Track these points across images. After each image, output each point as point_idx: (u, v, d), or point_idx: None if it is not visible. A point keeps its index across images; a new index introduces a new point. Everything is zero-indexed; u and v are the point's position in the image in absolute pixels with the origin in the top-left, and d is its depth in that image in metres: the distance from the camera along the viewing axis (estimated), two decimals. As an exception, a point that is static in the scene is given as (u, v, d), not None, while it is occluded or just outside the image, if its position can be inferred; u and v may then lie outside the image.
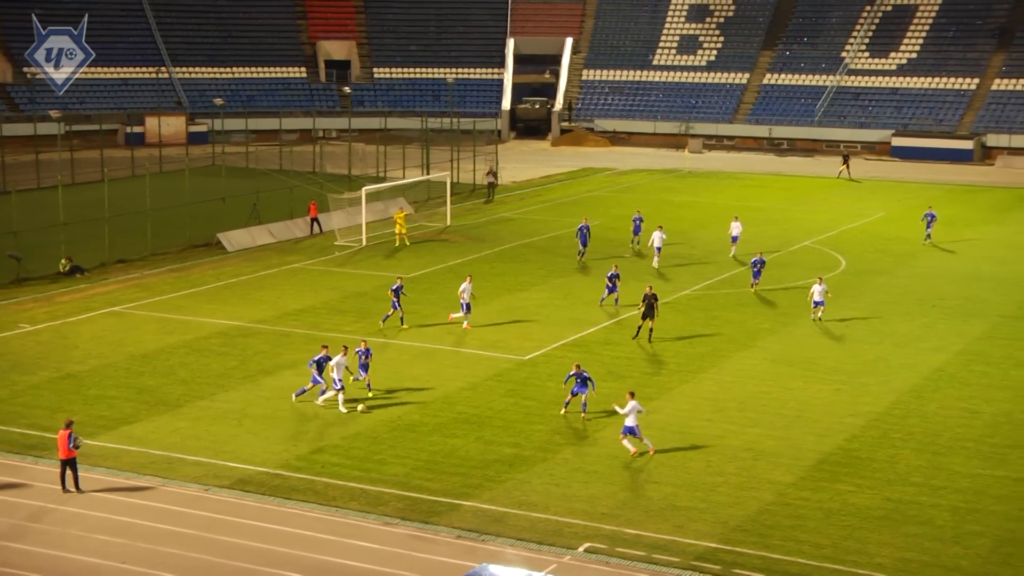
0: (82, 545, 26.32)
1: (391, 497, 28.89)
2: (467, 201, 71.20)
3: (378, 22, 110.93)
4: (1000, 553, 26.14)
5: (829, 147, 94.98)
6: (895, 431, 33.38)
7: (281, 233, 60.93)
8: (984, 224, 64.99)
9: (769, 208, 69.41)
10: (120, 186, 63.62)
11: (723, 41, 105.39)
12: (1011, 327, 43.88)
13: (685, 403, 35.66)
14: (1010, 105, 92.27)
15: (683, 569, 25.38)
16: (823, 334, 42.98)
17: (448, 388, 36.87)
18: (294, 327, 43.74)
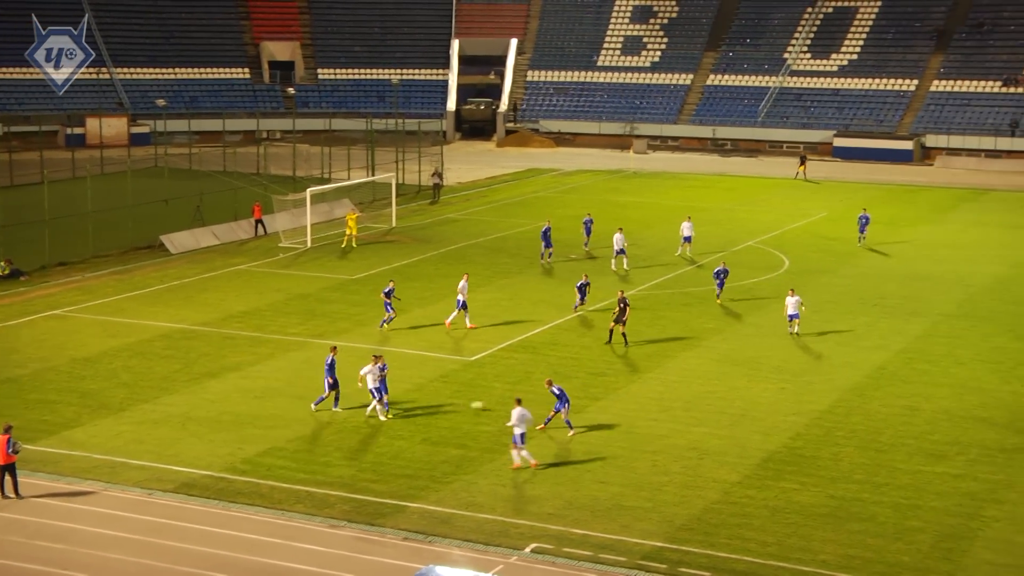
0: (22, 552, 25.96)
1: (337, 499, 28.77)
2: (412, 202, 71.07)
3: (322, 23, 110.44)
4: (940, 548, 26.47)
5: (772, 147, 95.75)
6: (838, 429, 33.70)
7: (225, 235, 60.50)
8: (923, 224, 65.80)
9: (713, 208, 69.86)
10: (60, 188, 62.87)
11: (667, 42, 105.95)
12: (950, 325, 44.45)
13: (631, 403, 35.80)
14: (948, 106, 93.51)
15: (630, 568, 25.48)
16: (767, 333, 43.30)
17: (394, 390, 36.70)
18: (239, 329, 43.44)
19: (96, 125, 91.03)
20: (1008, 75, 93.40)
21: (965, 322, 45.02)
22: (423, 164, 76.61)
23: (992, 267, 54.30)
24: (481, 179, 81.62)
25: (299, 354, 40.54)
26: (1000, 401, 36.07)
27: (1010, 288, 50.48)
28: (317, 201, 62.49)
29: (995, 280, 51.88)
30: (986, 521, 27.80)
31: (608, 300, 45.45)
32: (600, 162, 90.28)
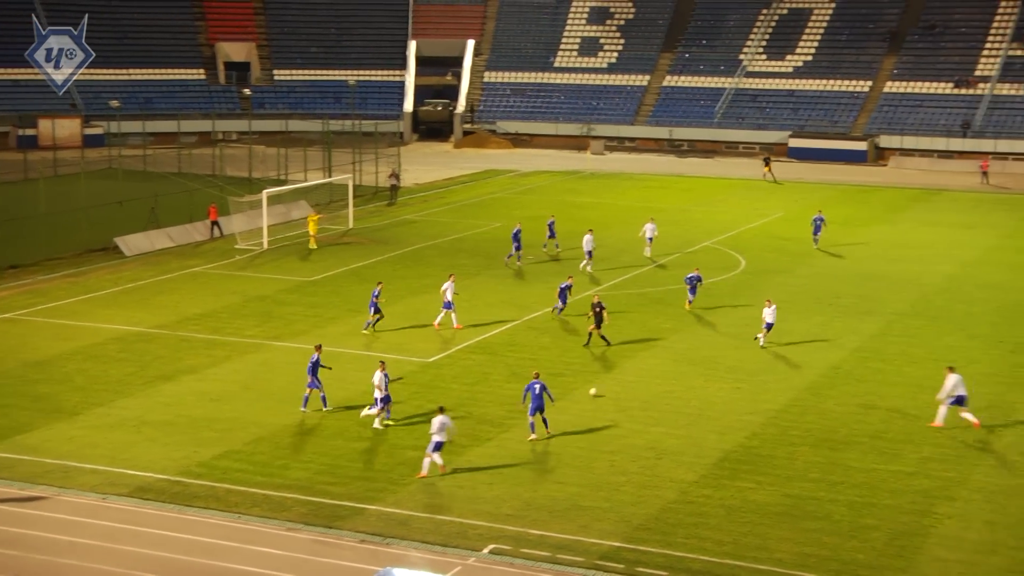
0: (-25, 558, 25.71)
1: (294, 502, 28.66)
2: (369, 204, 70.90)
3: (278, 23, 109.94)
4: (894, 546, 26.72)
5: (729, 148, 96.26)
6: (793, 428, 33.94)
7: (180, 237, 60.11)
8: (877, 224, 66.36)
9: (670, 209, 70.15)
10: (12, 190, 62.34)
11: (623, 43, 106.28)
12: (904, 324, 44.87)
13: (589, 403, 35.88)
14: (901, 107, 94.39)
15: (587, 569, 25.54)
16: (724, 333, 43.54)
17: (352, 392, 36.65)
18: (194, 332, 43.17)
19: (49, 126, 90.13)
20: (959, 76, 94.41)
21: (918, 321, 45.46)
22: (380, 165, 76.44)
23: (944, 266, 54.86)
24: (438, 180, 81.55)
25: (256, 356, 40.35)
26: (953, 399, 36.41)
27: (962, 287, 51.03)
28: (273, 203, 62.21)
29: (947, 279, 52.42)
30: (938, 518, 28.10)
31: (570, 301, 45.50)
32: (557, 163, 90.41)
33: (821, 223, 58.72)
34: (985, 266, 55.21)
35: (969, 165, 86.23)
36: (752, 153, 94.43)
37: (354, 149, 76.88)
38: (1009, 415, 35.09)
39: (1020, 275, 53.11)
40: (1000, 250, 59.08)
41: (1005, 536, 27.20)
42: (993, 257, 57.30)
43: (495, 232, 62.50)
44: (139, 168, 77.88)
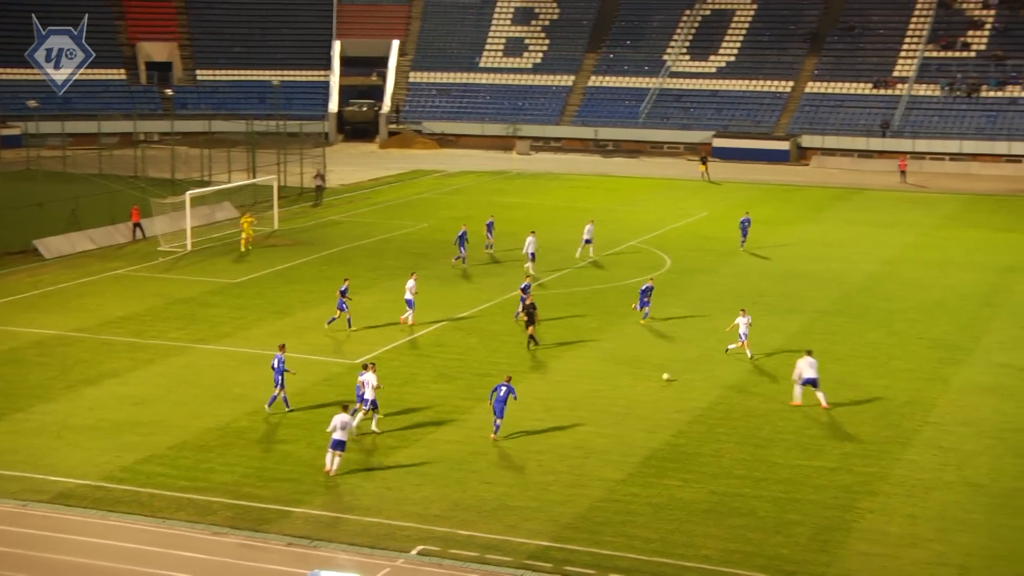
0: None
1: (220, 506, 28.39)
2: (295, 204, 70.41)
3: (200, 23, 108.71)
4: (818, 540, 27.09)
5: (654, 148, 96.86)
6: (719, 426, 34.26)
7: (102, 239, 59.26)
8: (800, 223, 67.18)
9: (596, 208, 70.33)
10: (-73, 192, 61.03)
11: (548, 44, 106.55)
12: (827, 322, 45.47)
13: (516, 404, 35.83)
14: (822, 107, 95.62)
15: (516, 568, 25.59)
16: (649, 332, 43.83)
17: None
18: (117, 335, 42.61)
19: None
20: (878, 77, 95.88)
21: (840, 319, 46.11)
22: (305, 166, 75.90)
23: (865, 265, 55.69)
24: (364, 181, 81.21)
25: (180, 359, 39.91)
26: (873, 395, 37.01)
27: (883, 285, 51.84)
28: (197, 204, 61.55)
29: (868, 277, 53.22)
30: (860, 512, 28.53)
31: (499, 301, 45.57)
32: (484, 163, 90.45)
33: (748, 225, 58.80)
34: (905, 264, 56.14)
35: (888, 164, 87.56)
36: (677, 153, 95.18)
37: (279, 150, 76.29)
38: (928, 410, 35.71)
39: (938, 272, 54.09)
40: (919, 248, 60.11)
41: (925, 529, 27.69)
42: (912, 255, 58.29)
43: (421, 233, 62.39)
44: (59, 169, 76.65)
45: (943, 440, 33.24)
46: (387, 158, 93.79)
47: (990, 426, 34.35)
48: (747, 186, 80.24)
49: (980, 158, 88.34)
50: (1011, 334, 43.97)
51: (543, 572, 25.46)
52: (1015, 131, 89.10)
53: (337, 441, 30.08)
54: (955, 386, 37.97)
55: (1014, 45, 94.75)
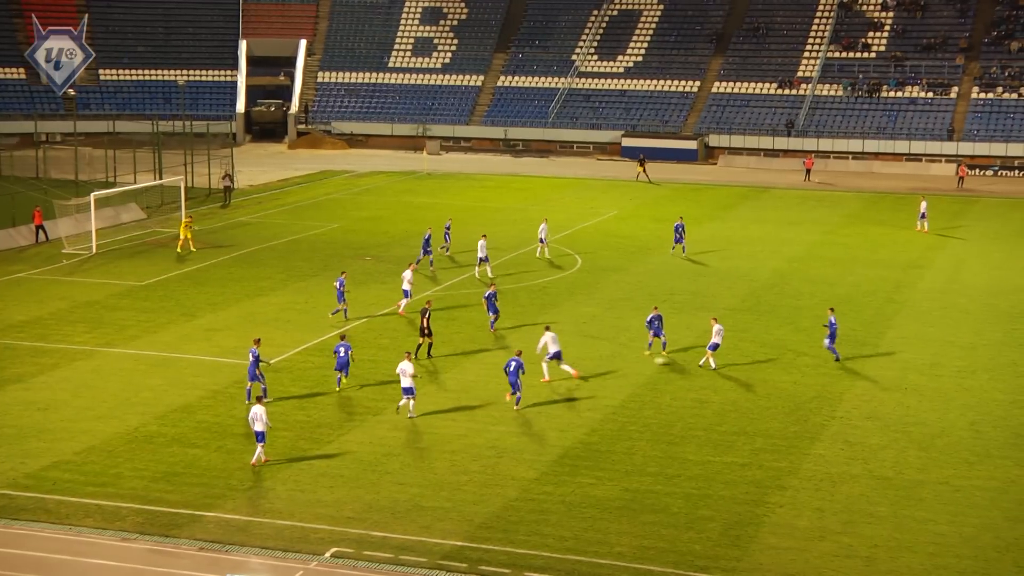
0: None
1: (129, 512, 27.96)
2: (203, 205, 69.56)
3: (102, 22, 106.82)
4: (729, 535, 27.42)
5: (563, 147, 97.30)
6: (631, 423, 34.52)
7: (3, 242, 58.01)
8: (708, 221, 67.92)
9: (507, 208, 70.62)
10: None
11: (457, 44, 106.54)
12: (735, 319, 46.00)
13: (428, 404, 35.86)
14: (729, 107, 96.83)
15: (430, 569, 25.56)
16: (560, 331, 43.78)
17: (188, 397, 35.97)
18: (18, 340, 41.74)
19: None
20: (783, 77, 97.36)
21: (748, 316, 46.71)
22: (213, 167, 75.06)
23: (772, 262, 56.48)
24: (273, 182, 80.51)
25: (86, 363, 39.21)
26: (782, 391, 37.56)
27: (789, 282, 52.61)
28: (102, 205, 60.54)
29: (775, 275, 53.98)
30: (770, 507, 28.93)
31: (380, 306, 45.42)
32: (394, 163, 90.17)
33: (682, 230, 57.50)
34: (811, 261, 57.03)
35: (794, 163, 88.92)
36: (586, 152, 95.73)
37: (186, 150, 75.35)
38: (835, 405, 36.32)
39: (844, 270, 55.04)
40: (824, 245, 61.11)
41: (832, 522, 28.16)
42: (818, 252, 59.24)
43: (332, 233, 62.01)
44: (-43, 171, 74.91)
45: (850, 434, 33.84)
46: (296, 159, 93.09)
47: (894, 420, 35.05)
48: (655, 185, 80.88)
49: (881, 157, 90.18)
50: (914, 330, 44.90)
51: (458, 572, 25.45)
52: (914, 131, 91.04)
53: (258, 433, 30.63)
54: (861, 381, 38.66)
55: (912, 46, 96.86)
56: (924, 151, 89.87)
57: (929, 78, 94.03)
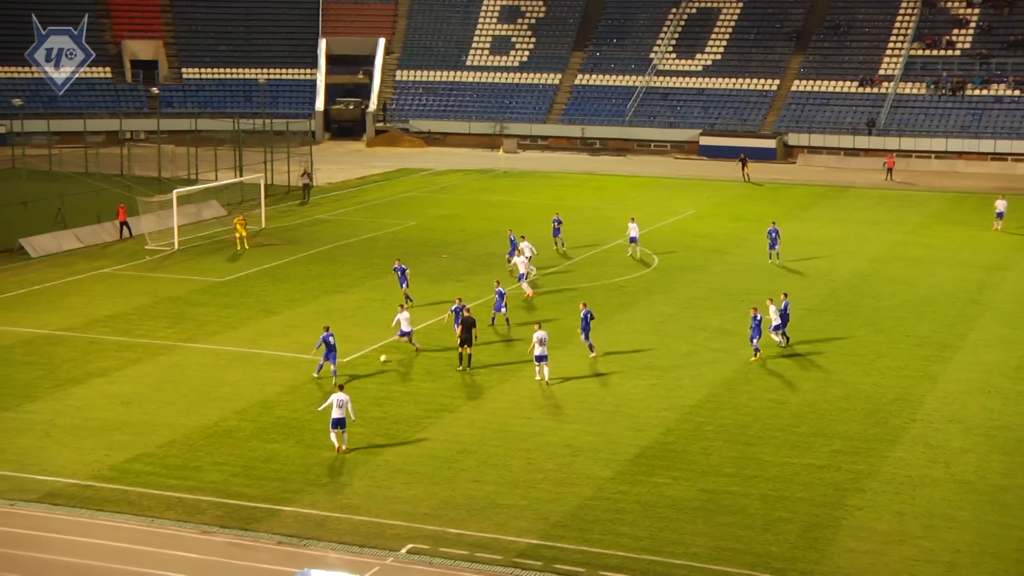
0: None
1: (209, 505, 28.35)
2: (282, 203, 70.30)
3: (185, 21, 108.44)
4: (807, 538, 27.14)
5: (640, 146, 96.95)
6: (708, 423, 34.31)
7: (89, 238, 59.10)
8: (787, 220, 67.11)
9: (583, 207, 70.51)
10: (-88, 190, 60.78)
11: (535, 42, 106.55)
12: (814, 320, 45.55)
13: (504, 401, 35.94)
14: (808, 105, 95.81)
15: (505, 567, 25.59)
16: (637, 330, 43.85)
17: (266, 392, 36.38)
18: (104, 334, 42.49)
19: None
20: (864, 75, 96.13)
21: (828, 316, 46.20)
22: (292, 164, 75.83)
23: (852, 262, 55.81)
24: (351, 179, 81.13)
25: (168, 358, 39.82)
26: (862, 393, 37.11)
27: (869, 283, 51.96)
28: (184, 203, 61.43)
29: (855, 275, 53.34)
30: (849, 510, 28.59)
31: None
32: (470, 162, 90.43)
33: (777, 235, 55.34)
34: (891, 261, 56.27)
35: (874, 162, 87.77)
36: (664, 151, 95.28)
37: (265, 148, 76.20)
38: (916, 408, 35.80)
39: (924, 270, 54.24)
40: (905, 246, 60.26)
41: (913, 526, 27.76)
42: (899, 253, 58.43)
43: (408, 231, 62.35)
44: (44, 168, 76.38)
45: (931, 437, 33.34)
46: (374, 156, 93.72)
47: (977, 423, 34.47)
48: (734, 184, 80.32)
49: (965, 156, 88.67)
50: (998, 332, 44.12)
51: (533, 570, 25.47)
52: (999, 129, 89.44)
53: (336, 420, 31.16)
54: (943, 384, 38.07)
55: (998, 43, 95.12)
56: (1010, 150, 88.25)
57: (1016, 76, 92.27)
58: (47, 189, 64.81)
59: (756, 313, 40.17)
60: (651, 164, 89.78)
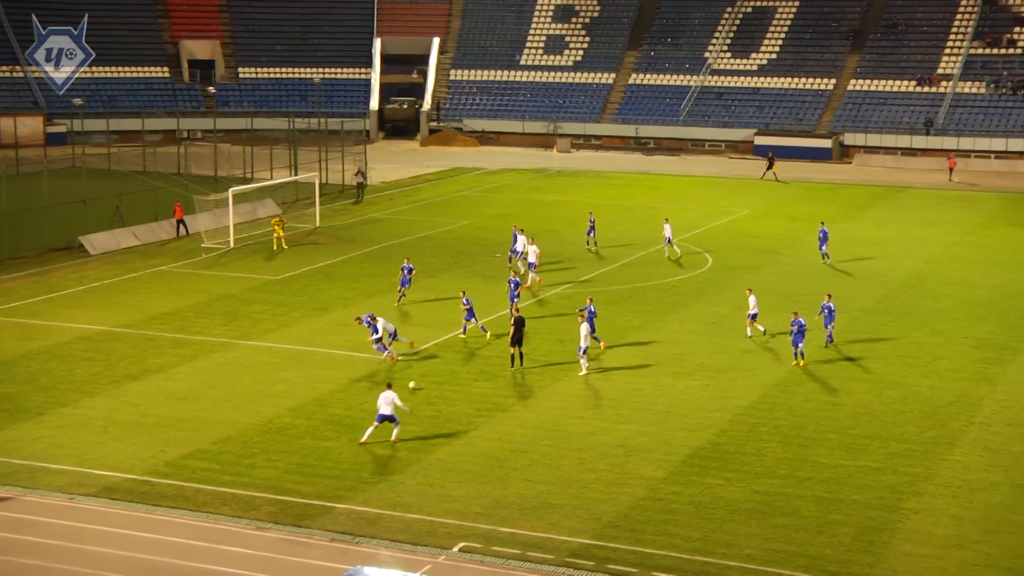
0: (-60, 560, 25.47)
1: (263, 501, 28.55)
2: (336, 202, 70.67)
3: (242, 21, 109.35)
4: (862, 541, 26.89)
5: (694, 146, 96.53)
6: (762, 424, 34.09)
7: (146, 235, 59.74)
8: (842, 221, 66.64)
9: (637, 207, 70.30)
10: (-25, 188, 61.68)
11: (589, 41, 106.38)
12: (869, 321, 45.14)
13: (557, 401, 35.92)
14: (865, 105, 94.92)
15: (557, 566, 25.57)
16: (691, 331, 43.66)
17: (320, 390, 36.59)
18: (160, 331, 42.93)
19: (11, 124, 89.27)
20: (922, 74, 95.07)
21: (884, 317, 45.76)
22: (346, 163, 76.23)
23: (909, 263, 55.24)
24: (405, 178, 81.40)
25: (223, 355, 40.16)
26: (918, 395, 36.71)
27: (926, 284, 51.40)
28: (239, 201, 61.93)
29: (912, 276, 52.78)
30: (905, 513, 28.30)
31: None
32: (524, 161, 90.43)
33: (826, 236, 54.75)
34: (949, 263, 55.62)
35: (932, 162, 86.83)
36: (718, 151, 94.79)
37: (320, 147, 76.64)
38: (974, 411, 35.37)
39: (983, 271, 53.55)
40: (963, 247, 59.54)
41: (971, 530, 27.43)
42: (957, 254, 57.75)
43: (462, 230, 62.46)
44: (103, 167, 77.28)
45: (989, 441, 32.91)
46: (427, 156, 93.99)
47: (1037, 427, 34.00)
48: (788, 184, 79.73)
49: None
50: (1058, 334, 43.49)
51: (585, 570, 25.43)
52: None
53: (383, 416, 31.83)
54: (1002, 386, 37.58)
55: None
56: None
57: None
58: (106, 187, 65.56)
59: (797, 317, 39.67)
60: (705, 164, 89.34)
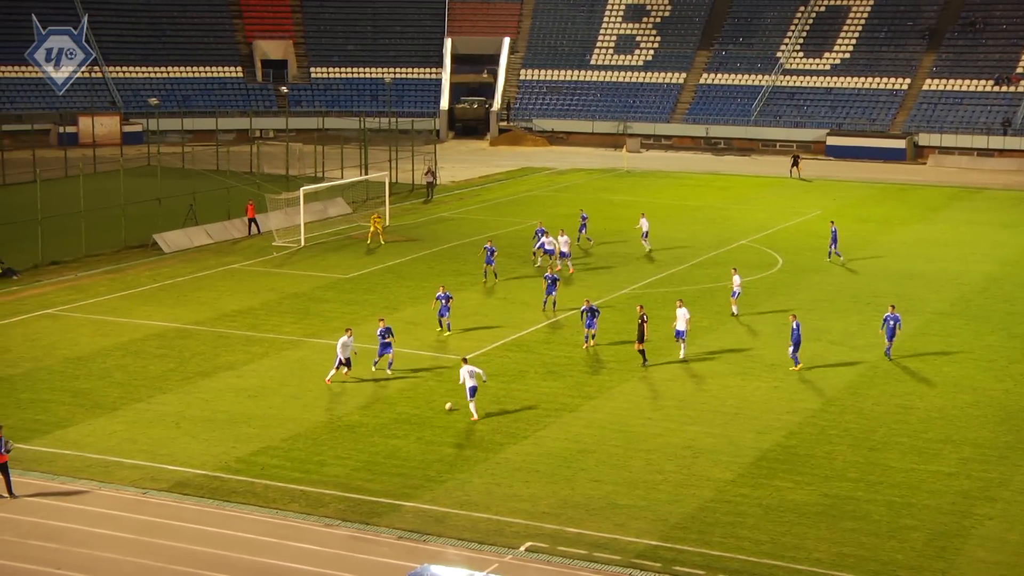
0: (15, 551, 25.93)
1: (331, 499, 28.77)
2: (406, 201, 71.03)
3: (314, 22, 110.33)
4: (934, 546, 26.53)
5: (765, 146, 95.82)
6: (832, 427, 33.75)
7: (218, 234, 60.45)
8: (916, 222, 65.87)
9: (707, 207, 69.92)
10: (53, 187, 62.79)
11: (660, 41, 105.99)
12: (943, 324, 44.52)
13: (624, 401, 35.82)
14: (940, 105, 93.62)
15: (624, 567, 25.50)
16: (760, 332, 43.33)
17: (388, 389, 36.79)
18: (232, 328, 43.41)
19: (89, 124, 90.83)
20: (1000, 74, 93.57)
21: (958, 320, 45.10)
22: (416, 163, 76.59)
23: (984, 266, 54.39)
24: (474, 178, 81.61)
25: (293, 353, 40.52)
26: (993, 399, 36.14)
27: (1002, 287, 50.58)
28: (310, 200, 62.44)
29: (987, 279, 51.97)
30: (979, 519, 27.87)
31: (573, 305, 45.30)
32: (593, 161, 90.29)
33: (834, 236, 54.89)
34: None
35: (1009, 163, 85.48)
36: (789, 151, 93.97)
37: (390, 147, 77.07)
38: (1050, 416, 34.75)
39: (1061, 274, 52.61)
40: (1041, 249, 58.55)
41: (1046, 538, 26.96)
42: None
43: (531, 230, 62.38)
44: (178, 166, 78.26)
45: (1065, 447, 32.32)
46: (497, 155, 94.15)
47: (1115, 433, 33.32)
48: (861, 185, 78.90)
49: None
50: None
51: (652, 571, 25.33)
52: None
53: (471, 388, 33.59)
54: (1078, 391, 36.89)
55: None
56: None
57: None
58: (180, 186, 66.38)
59: (794, 321, 39.11)
60: (776, 164, 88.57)
